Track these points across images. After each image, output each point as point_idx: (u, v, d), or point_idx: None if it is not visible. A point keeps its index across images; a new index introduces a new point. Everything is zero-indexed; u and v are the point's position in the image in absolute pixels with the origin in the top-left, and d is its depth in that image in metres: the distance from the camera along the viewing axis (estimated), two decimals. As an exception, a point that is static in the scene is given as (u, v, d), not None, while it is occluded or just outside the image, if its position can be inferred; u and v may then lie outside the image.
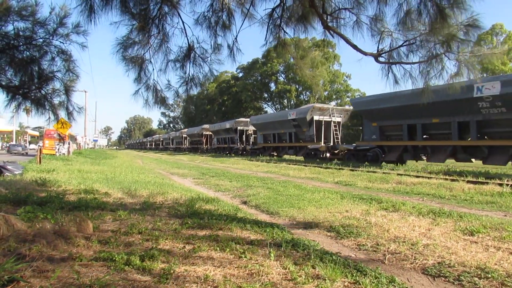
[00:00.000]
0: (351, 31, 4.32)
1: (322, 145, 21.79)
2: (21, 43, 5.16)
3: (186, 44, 5.23)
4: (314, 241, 4.04)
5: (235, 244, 3.49)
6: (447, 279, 2.99)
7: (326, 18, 4.44)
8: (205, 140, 43.35)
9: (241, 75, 59.82)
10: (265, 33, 5.04)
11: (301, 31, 4.82)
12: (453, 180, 9.95)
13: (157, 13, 4.88)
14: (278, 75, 55.25)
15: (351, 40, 4.30)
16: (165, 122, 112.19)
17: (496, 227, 4.57)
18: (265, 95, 58.63)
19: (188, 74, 5.33)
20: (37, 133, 57.00)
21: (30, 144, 47.86)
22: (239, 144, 33.51)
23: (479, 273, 3.04)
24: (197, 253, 3.20)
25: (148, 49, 5.11)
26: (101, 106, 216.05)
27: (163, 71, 5.30)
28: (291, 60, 5.64)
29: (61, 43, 5.22)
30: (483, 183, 9.30)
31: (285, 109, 45.24)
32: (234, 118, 41.60)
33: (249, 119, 32.77)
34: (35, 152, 21.98)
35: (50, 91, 5.45)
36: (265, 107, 60.44)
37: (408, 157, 16.64)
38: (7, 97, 5.28)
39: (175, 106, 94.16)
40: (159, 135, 78.78)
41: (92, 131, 62.75)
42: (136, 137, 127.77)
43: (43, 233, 3.36)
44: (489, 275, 2.95)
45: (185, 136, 50.82)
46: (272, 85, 56.53)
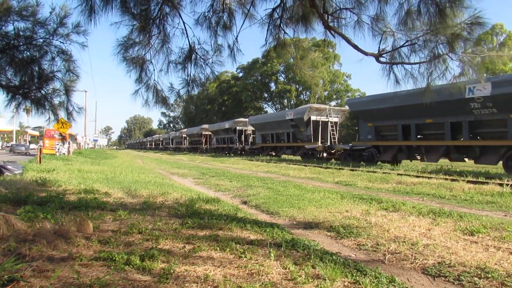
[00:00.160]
0: (352, 31, 4.32)
1: (319, 145, 21.90)
2: (21, 43, 5.17)
3: (187, 45, 5.23)
4: (314, 241, 4.04)
5: (235, 244, 3.49)
6: (447, 279, 3.00)
7: (327, 18, 4.44)
8: (204, 140, 43.40)
9: (241, 75, 59.80)
10: (265, 34, 5.05)
11: (302, 31, 4.83)
12: (453, 180, 9.95)
13: (157, 14, 4.88)
14: (278, 75, 55.25)
15: (352, 40, 4.29)
16: (165, 122, 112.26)
17: (496, 227, 4.57)
18: (265, 95, 58.60)
19: (189, 75, 5.33)
20: (37, 133, 57.18)
21: (30, 144, 48.16)
22: (238, 144, 33.54)
23: (479, 273, 3.04)
24: (197, 253, 3.20)
25: (149, 49, 5.11)
26: (101, 106, 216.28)
27: (165, 72, 5.31)
28: (291, 60, 5.62)
29: (61, 43, 5.24)
30: (483, 183, 9.29)
31: (285, 109, 45.27)
32: (234, 118, 41.64)
33: (248, 119, 32.82)
34: (35, 152, 22.00)
35: (50, 91, 5.45)
36: (265, 107, 60.49)
37: (402, 157, 16.76)
38: (7, 97, 5.29)
39: (175, 106, 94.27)
40: (159, 135, 78.82)
41: (92, 131, 62.76)
42: (136, 137, 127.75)
43: (43, 233, 3.36)
44: (489, 275, 2.96)
45: (185, 136, 50.86)
46: (272, 85, 56.55)
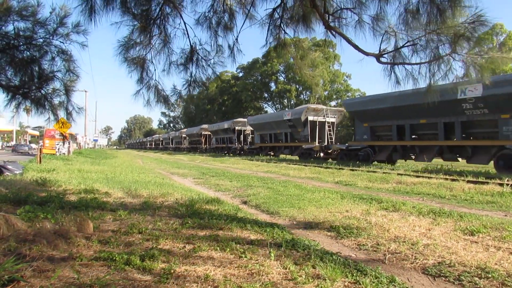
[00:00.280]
0: (353, 31, 4.31)
1: (316, 145, 22.08)
2: (21, 43, 5.17)
3: (188, 45, 5.23)
4: (314, 241, 4.04)
5: (236, 244, 3.49)
6: (447, 279, 2.99)
7: (327, 18, 4.43)
8: (204, 140, 43.46)
9: (241, 75, 59.78)
10: (265, 34, 5.04)
11: (302, 31, 4.82)
12: (453, 180, 9.95)
13: (158, 14, 4.88)
14: (278, 75, 55.23)
15: (353, 40, 4.29)
16: (165, 122, 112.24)
17: (496, 227, 4.56)
18: (265, 95, 58.57)
19: (192, 76, 5.33)
20: (37, 133, 57.27)
21: (30, 143, 48.46)
22: (237, 144, 33.62)
23: (480, 273, 3.03)
24: (198, 253, 3.20)
25: (149, 50, 5.11)
26: (101, 106, 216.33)
27: (166, 72, 5.30)
28: (292, 60, 5.61)
29: (61, 43, 5.24)
30: (483, 183, 9.29)
31: (285, 109, 45.34)
32: (234, 118, 41.71)
33: (247, 120, 32.92)
34: (36, 151, 22.04)
35: (50, 91, 5.46)
36: (265, 107, 60.47)
37: (397, 156, 16.94)
38: (7, 97, 5.29)
39: (175, 106, 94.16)
40: (159, 135, 78.86)
41: (92, 131, 62.77)
42: (136, 137, 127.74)
43: (43, 233, 3.36)
44: (490, 275, 2.95)
45: (185, 136, 50.88)
46: (272, 85, 56.52)
